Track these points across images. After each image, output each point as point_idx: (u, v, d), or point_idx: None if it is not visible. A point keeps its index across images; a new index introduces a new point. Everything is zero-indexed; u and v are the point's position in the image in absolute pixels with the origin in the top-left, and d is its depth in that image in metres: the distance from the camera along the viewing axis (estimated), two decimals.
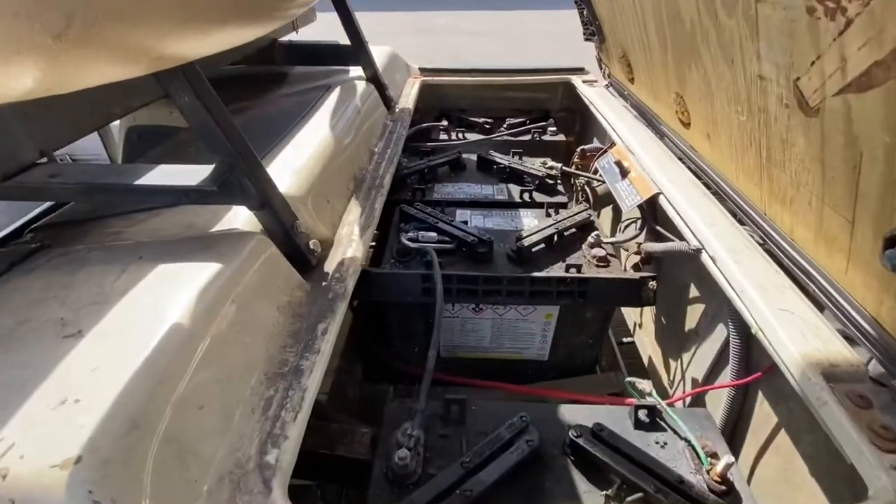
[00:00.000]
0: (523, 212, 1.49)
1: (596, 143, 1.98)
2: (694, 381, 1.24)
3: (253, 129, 1.45)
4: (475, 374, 1.44)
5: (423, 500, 0.73)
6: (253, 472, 0.60)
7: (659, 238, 1.36)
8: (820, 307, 0.86)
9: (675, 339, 1.39)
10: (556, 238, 1.32)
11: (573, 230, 1.37)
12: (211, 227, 0.90)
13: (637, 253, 1.37)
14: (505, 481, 0.78)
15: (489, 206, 1.55)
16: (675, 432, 0.90)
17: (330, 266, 0.98)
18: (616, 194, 1.48)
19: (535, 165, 1.69)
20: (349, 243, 1.05)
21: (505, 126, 2.21)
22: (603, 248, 1.30)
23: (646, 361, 1.58)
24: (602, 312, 1.31)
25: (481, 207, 1.51)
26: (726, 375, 1.13)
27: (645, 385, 0.98)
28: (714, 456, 0.84)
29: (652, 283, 1.19)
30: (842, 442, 0.66)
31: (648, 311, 1.61)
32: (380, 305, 1.33)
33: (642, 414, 0.92)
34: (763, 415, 0.99)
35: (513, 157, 1.76)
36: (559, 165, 1.68)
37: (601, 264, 1.26)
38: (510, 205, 1.56)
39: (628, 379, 1.00)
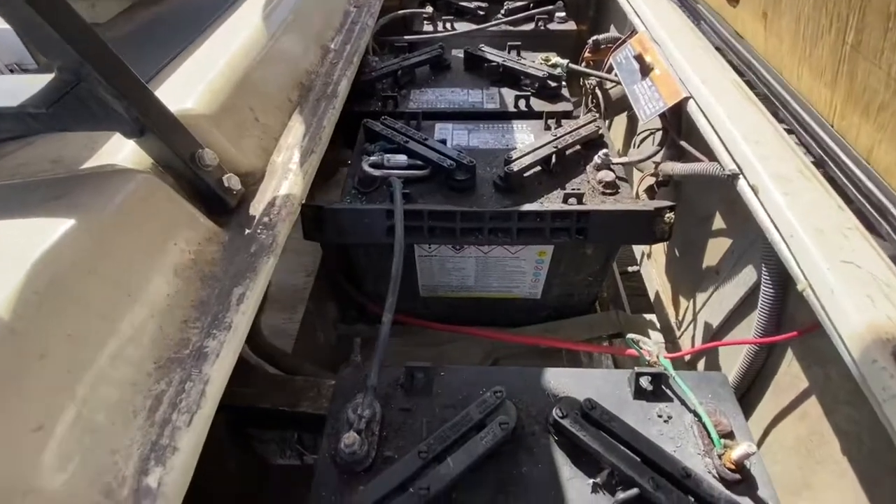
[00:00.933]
0: (517, 125, 1.22)
1: (613, 33, 1.61)
2: (707, 326, 1.07)
3: (165, 27, 1.15)
4: (459, 314, 1.29)
5: (368, 500, 0.61)
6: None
7: (684, 157, 1.11)
8: None
9: (689, 276, 1.20)
10: (554, 159, 1.07)
11: (577, 147, 1.11)
12: (83, 162, 0.68)
13: (653, 174, 1.13)
14: (471, 471, 0.65)
15: (476, 117, 1.27)
16: (684, 403, 0.74)
17: (257, 207, 0.77)
18: (633, 99, 1.19)
19: (536, 63, 1.37)
20: (285, 174, 0.82)
21: (503, 12, 1.81)
22: (612, 171, 1.06)
23: (652, 296, 1.41)
24: (606, 248, 1.11)
25: (466, 120, 1.24)
26: (748, 324, 0.95)
27: (650, 345, 0.81)
28: (729, 436, 0.70)
29: (669, 216, 0.96)
30: None
31: None
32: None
33: (644, 381, 0.76)
34: (790, 376, 0.83)
35: (508, 52, 1.43)
36: (565, 62, 1.36)
37: (608, 191, 1.03)
38: (502, 115, 1.28)
39: (630, 336, 0.83)
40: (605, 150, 1.06)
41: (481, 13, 1.80)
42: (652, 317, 1.40)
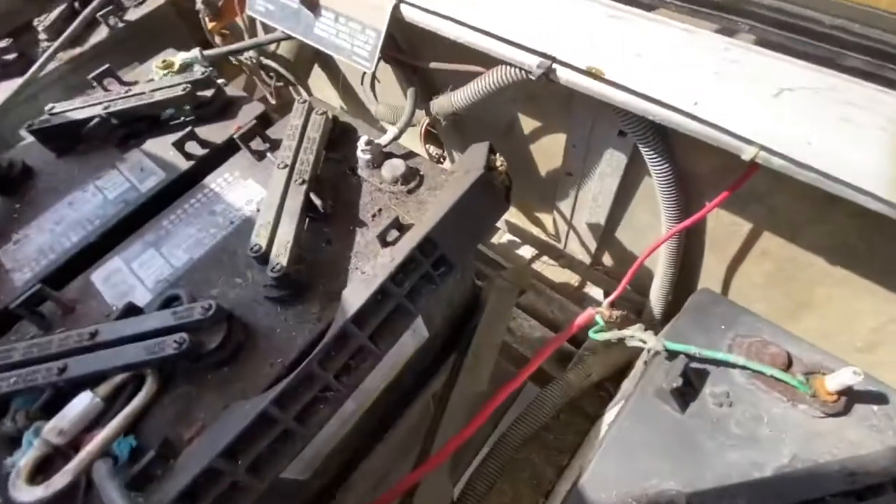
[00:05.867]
0: (216, 182, 0.74)
1: None
2: (594, 226, 0.90)
3: None
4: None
5: None
6: None
7: (447, 84, 0.80)
8: None
9: (535, 193, 0.99)
10: (315, 199, 0.65)
11: (322, 155, 0.70)
12: None
13: (430, 125, 0.81)
14: None
15: (141, 216, 0.73)
16: (719, 365, 0.54)
17: None
18: (327, 46, 0.80)
19: (157, 80, 0.83)
20: None
21: (44, 37, 1.11)
22: (399, 158, 0.70)
23: (506, 228, 1.20)
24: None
25: (131, 230, 0.70)
26: (635, 210, 0.80)
27: (650, 338, 0.56)
28: (793, 363, 0.53)
29: (492, 158, 0.67)
30: None
31: None
32: None
33: (665, 384, 0.52)
34: (723, 228, 0.71)
35: (103, 89, 0.85)
36: (194, 54, 0.86)
37: (412, 186, 0.68)
38: (178, 185, 0.76)
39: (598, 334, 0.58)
40: (364, 138, 0.68)
41: (7, 58, 1.07)
42: (522, 249, 1.21)
